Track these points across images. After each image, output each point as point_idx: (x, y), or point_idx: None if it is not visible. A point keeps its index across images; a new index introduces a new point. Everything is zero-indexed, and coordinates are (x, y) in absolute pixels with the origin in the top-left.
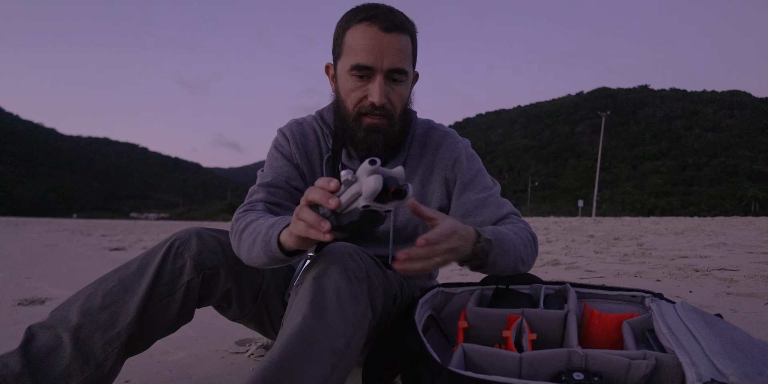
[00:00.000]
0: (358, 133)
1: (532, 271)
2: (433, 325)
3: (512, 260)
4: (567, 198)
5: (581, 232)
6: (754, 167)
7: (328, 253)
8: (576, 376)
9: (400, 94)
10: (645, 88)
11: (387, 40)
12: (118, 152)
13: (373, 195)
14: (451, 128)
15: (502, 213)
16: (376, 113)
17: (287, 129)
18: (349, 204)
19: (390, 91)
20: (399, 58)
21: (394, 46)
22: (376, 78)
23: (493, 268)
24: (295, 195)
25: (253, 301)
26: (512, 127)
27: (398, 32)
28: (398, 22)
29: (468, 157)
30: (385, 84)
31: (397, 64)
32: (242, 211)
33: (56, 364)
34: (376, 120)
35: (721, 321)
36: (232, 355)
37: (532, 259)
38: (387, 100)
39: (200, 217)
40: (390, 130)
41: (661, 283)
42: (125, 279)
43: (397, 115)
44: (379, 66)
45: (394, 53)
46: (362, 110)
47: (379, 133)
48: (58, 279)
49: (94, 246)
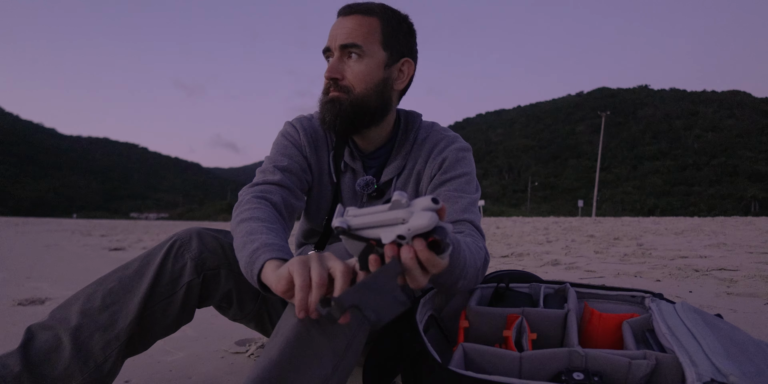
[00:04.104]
0: (323, 111)
1: (531, 271)
2: (433, 325)
3: (456, 277)
4: (567, 198)
5: (581, 232)
6: (754, 167)
7: (329, 252)
8: (576, 376)
9: (357, 70)
10: (645, 88)
11: (344, 22)
12: (118, 152)
13: (417, 230)
14: (455, 133)
15: (463, 216)
16: (333, 89)
17: (297, 122)
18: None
19: (343, 66)
20: (351, 35)
21: (346, 26)
22: (334, 56)
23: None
24: (304, 186)
25: (254, 301)
26: (512, 127)
27: (357, 14)
28: (360, 7)
29: (457, 159)
30: (339, 60)
31: (347, 40)
32: (257, 196)
33: (56, 365)
34: (335, 94)
35: (721, 321)
36: (232, 355)
37: (477, 279)
38: (341, 76)
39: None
40: (345, 103)
41: (661, 283)
42: (125, 279)
43: (356, 91)
44: (333, 44)
45: (347, 31)
46: (325, 90)
47: (334, 105)
48: (58, 279)
49: (94, 246)
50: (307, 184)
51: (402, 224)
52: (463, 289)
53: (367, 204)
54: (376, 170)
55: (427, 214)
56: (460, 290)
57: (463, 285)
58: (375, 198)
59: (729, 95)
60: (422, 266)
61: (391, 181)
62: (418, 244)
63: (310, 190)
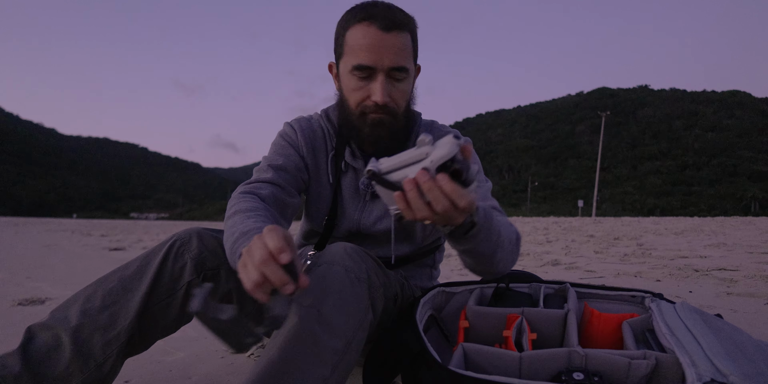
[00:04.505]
0: (364, 129)
1: (531, 271)
2: (433, 325)
3: (494, 244)
4: (567, 198)
5: (581, 232)
6: (754, 167)
7: (329, 252)
8: (576, 376)
9: (402, 91)
10: (645, 88)
11: (386, 39)
12: (118, 152)
13: (439, 160)
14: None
15: (486, 203)
16: (379, 111)
17: (296, 123)
18: (404, 165)
19: (392, 89)
20: (399, 57)
21: (393, 45)
22: (377, 77)
23: (475, 242)
24: (300, 185)
25: (254, 301)
26: (512, 127)
27: (397, 30)
28: (397, 19)
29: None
30: (386, 82)
31: (398, 63)
32: (245, 191)
33: (56, 365)
34: (380, 115)
35: (721, 321)
36: (232, 355)
37: (514, 255)
38: (389, 98)
39: (200, 217)
40: (395, 123)
41: (661, 283)
42: (125, 279)
43: (400, 111)
44: (379, 65)
45: (394, 52)
46: (365, 109)
47: (384, 127)
48: (58, 279)
49: (94, 246)
50: (303, 182)
51: (426, 158)
52: (501, 265)
53: (370, 203)
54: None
55: (447, 144)
56: (498, 268)
57: (501, 258)
58: (377, 197)
59: (729, 95)
60: (452, 202)
61: None
62: (442, 177)
63: (309, 191)
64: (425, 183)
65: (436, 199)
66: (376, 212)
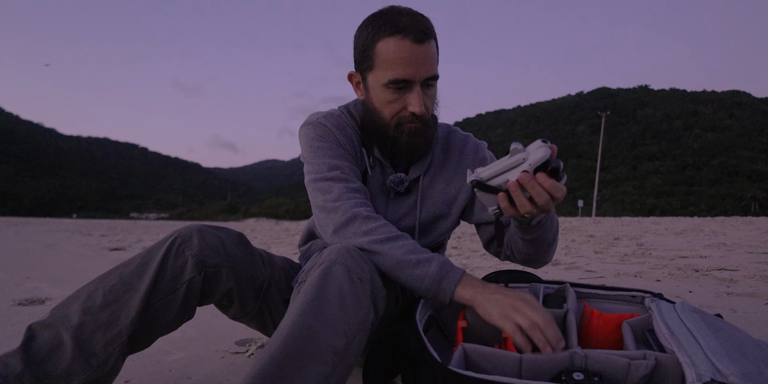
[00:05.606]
0: (401, 138)
1: (531, 271)
2: (433, 325)
3: (554, 232)
4: (567, 198)
5: (581, 232)
6: (754, 167)
7: (332, 253)
8: (576, 377)
9: (432, 97)
10: (645, 88)
11: (421, 51)
12: (118, 152)
13: (537, 162)
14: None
15: None
16: (415, 121)
17: (324, 120)
18: (503, 171)
19: (425, 98)
20: (432, 66)
21: (427, 56)
22: (414, 89)
23: (542, 230)
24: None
25: (255, 300)
26: (512, 127)
27: (427, 41)
28: (426, 29)
29: (492, 158)
30: (423, 93)
31: (432, 72)
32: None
33: (57, 364)
34: (417, 125)
35: (721, 321)
36: (232, 355)
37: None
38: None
39: (200, 217)
40: (428, 131)
41: (661, 283)
42: (126, 277)
43: (430, 116)
44: (417, 77)
45: (429, 63)
46: (402, 120)
47: (420, 135)
48: (58, 279)
49: (94, 246)
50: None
51: (524, 163)
52: (552, 254)
53: (394, 200)
54: (404, 167)
55: (541, 149)
56: (550, 256)
57: (555, 247)
58: (402, 194)
59: (729, 95)
60: (551, 195)
61: (419, 178)
62: (541, 175)
63: None
64: (528, 182)
65: (538, 194)
66: (401, 209)
